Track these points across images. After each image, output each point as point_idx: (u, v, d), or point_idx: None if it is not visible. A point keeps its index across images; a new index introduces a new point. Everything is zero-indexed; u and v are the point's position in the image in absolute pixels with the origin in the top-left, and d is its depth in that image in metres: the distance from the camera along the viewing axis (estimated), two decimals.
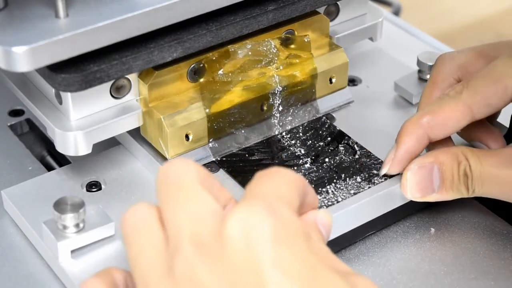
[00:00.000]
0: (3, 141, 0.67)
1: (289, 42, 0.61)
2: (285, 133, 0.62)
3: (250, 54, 0.59)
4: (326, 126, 0.63)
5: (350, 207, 0.56)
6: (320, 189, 0.58)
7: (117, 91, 0.57)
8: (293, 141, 0.62)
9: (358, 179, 0.58)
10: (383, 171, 0.58)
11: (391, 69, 0.72)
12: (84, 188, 0.60)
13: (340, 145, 0.61)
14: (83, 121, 0.56)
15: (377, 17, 0.68)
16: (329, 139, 0.62)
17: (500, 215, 0.60)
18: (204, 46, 0.56)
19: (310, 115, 0.63)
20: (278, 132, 0.62)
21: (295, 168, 0.59)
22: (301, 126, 0.63)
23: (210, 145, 0.60)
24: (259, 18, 0.58)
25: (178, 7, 0.53)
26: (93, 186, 0.60)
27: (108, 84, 0.56)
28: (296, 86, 0.62)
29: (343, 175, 0.59)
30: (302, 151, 0.61)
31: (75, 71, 0.52)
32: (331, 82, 0.64)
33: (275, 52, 0.60)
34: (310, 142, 0.62)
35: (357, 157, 0.60)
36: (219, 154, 0.60)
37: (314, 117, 0.64)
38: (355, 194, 0.57)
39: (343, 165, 0.60)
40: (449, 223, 0.59)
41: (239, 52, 0.59)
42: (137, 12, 0.51)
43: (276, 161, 0.60)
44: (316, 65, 0.62)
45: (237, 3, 0.56)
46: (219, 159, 0.60)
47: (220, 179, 0.59)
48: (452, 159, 0.55)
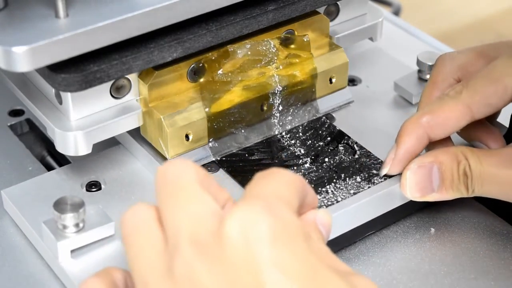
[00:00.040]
0: (3, 141, 0.67)
1: (289, 42, 0.61)
2: (285, 133, 0.62)
3: (250, 54, 0.59)
4: (326, 126, 0.63)
5: (350, 207, 0.56)
6: (320, 189, 0.58)
7: (117, 91, 0.57)
8: (293, 141, 0.62)
9: (358, 179, 0.58)
10: (384, 171, 0.58)
11: (391, 69, 0.72)
12: (84, 188, 0.60)
13: (340, 145, 0.61)
14: (83, 121, 0.56)
15: (377, 17, 0.68)
16: (329, 139, 0.62)
17: (500, 215, 0.60)
18: (204, 46, 0.56)
19: (310, 115, 0.63)
20: (278, 132, 0.62)
21: (295, 168, 0.59)
22: (301, 126, 0.63)
23: (210, 145, 0.60)
24: (259, 18, 0.58)
25: (178, 7, 0.53)
26: (93, 186, 0.60)
27: (108, 84, 0.56)
28: (296, 86, 0.62)
29: (343, 175, 0.59)
30: (302, 151, 0.61)
31: (75, 71, 0.52)
32: (331, 82, 0.64)
33: (275, 52, 0.60)
34: (310, 142, 0.62)
35: (357, 157, 0.60)
36: (219, 154, 0.60)
37: (314, 117, 0.64)
38: (355, 194, 0.57)
39: (343, 165, 0.60)
40: (449, 223, 0.59)
41: (239, 52, 0.59)
42: (137, 12, 0.51)
43: (276, 161, 0.60)
44: (316, 65, 0.62)
45: (237, 3, 0.56)
46: (219, 159, 0.60)
47: (220, 179, 0.59)
48: (452, 159, 0.55)
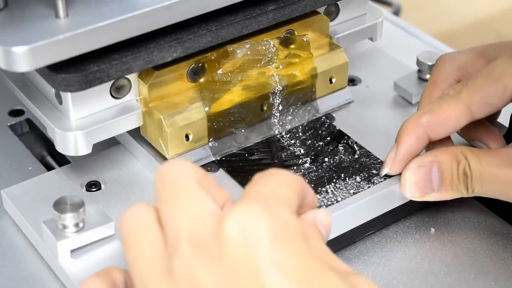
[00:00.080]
0: (3, 141, 0.67)
1: (288, 42, 0.61)
2: (285, 133, 0.62)
3: (249, 54, 0.59)
4: (326, 126, 0.63)
5: (350, 207, 0.56)
6: (320, 189, 0.58)
7: (117, 91, 0.57)
8: (293, 141, 0.62)
9: (358, 179, 0.58)
10: (384, 172, 0.58)
11: (391, 69, 0.72)
12: (84, 188, 0.60)
13: (340, 145, 0.61)
14: (83, 121, 0.56)
15: (377, 17, 0.68)
16: (329, 139, 0.62)
17: (500, 215, 0.60)
18: (204, 46, 0.56)
19: (310, 115, 0.63)
20: (278, 132, 0.62)
21: (295, 168, 0.59)
22: (301, 126, 0.63)
23: (210, 145, 0.60)
24: (259, 18, 0.58)
25: (178, 7, 0.53)
26: (93, 186, 0.60)
27: (108, 84, 0.56)
28: (296, 86, 0.62)
29: (343, 175, 0.59)
30: (302, 151, 0.61)
31: (75, 71, 0.52)
32: (331, 82, 0.64)
33: (274, 52, 0.60)
34: (310, 142, 0.62)
35: (357, 157, 0.60)
36: (219, 154, 0.60)
37: (314, 117, 0.64)
38: (355, 194, 0.57)
39: (343, 165, 0.60)
40: (449, 223, 0.59)
41: (238, 52, 0.59)
42: (137, 12, 0.51)
43: (276, 161, 0.60)
44: (316, 65, 0.62)
45: (237, 3, 0.56)
46: (219, 159, 0.60)
47: (220, 179, 0.59)
48: (452, 159, 0.55)
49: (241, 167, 0.60)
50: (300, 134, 0.62)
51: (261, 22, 0.58)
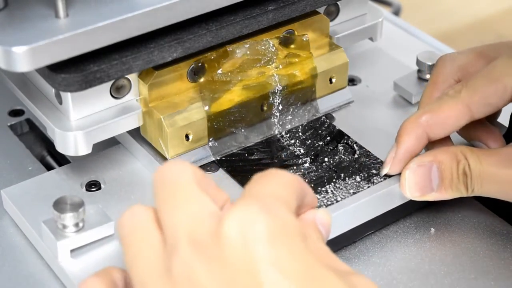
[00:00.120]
0: (3, 141, 0.67)
1: (288, 42, 0.62)
2: (285, 133, 0.62)
3: (249, 54, 0.59)
4: (326, 126, 0.63)
5: (349, 207, 0.56)
6: (320, 189, 0.58)
7: (117, 91, 0.57)
8: (293, 141, 0.62)
9: (358, 179, 0.58)
10: (384, 171, 0.58)
11: (391, 69, 0.72)
12: (84, 188, 0.60)
13: (340, 145, 0.61)
14: (83, 121, 0.56)
15: (377, 17, 0.68)
16: (329, 139, 0.62)
17: (500, 215, 0.60)
18: (204, 46, 0.56)
19: (310, 115, 0.63)
20: (278, 132, 0.62)
21: (295, 168, 0.59)
22: (301, 126, 0.63)
23: (210, 145, 0.60)
24: (259, 18, 0.58)
25: (178, 7, 0.53)
26: (93, 186, 0.60)
27: (108, 84, 0.56)
28: (296, 86, 0.62)
29: (343, 175, 0.59)
30: (302, 151, 0.61)
31: (75, 71, 0.52)
32: (331, 82, 0.64)
33: (274, 51, 0.60)
34: (310, 142, 0.62)
35: (357, 157, 0.60)
36: (219, 154, 0.60)
37: (314, 117, 0.64)
38: (355, 194, 0.57)
39: (343, 165, 0.60)
40: (449, 223, 0.59)
41: (237, 52, 0.59)
42: (137, 12, 0.51)
43: (276, 161, 0.60)
44: (316, 65, 0.62)
45: (237, 3, 0.56)
46: (219, 159, 0.60)
47: (220, 179, 0.59)
48: (451, 158, 0.55)
49: (241, 167, 0.60)
50: (300, 134, 0.62)
51: (261, 22, 0.58)
